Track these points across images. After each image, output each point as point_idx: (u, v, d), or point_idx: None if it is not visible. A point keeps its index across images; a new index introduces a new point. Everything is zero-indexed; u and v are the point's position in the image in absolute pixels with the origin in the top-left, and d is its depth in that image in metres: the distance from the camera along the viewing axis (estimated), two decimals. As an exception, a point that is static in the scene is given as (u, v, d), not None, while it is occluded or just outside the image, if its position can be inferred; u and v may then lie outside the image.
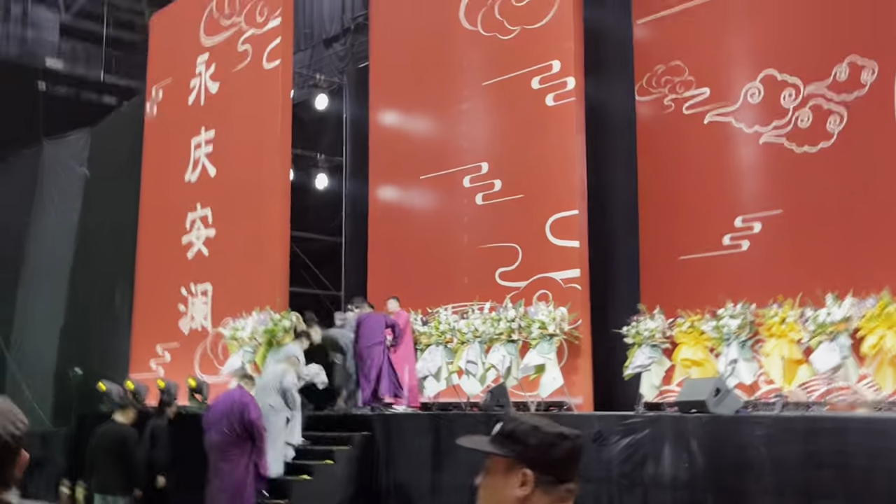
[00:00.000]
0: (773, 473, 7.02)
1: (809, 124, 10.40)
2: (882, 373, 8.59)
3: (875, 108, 9.87)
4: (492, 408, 9.77)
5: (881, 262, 9.51)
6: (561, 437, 1.87)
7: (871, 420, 6.86)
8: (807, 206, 10.34)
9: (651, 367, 10.44)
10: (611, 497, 8.00)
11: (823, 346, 8.96)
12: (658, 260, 11.63)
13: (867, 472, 6.51)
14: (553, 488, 1.83)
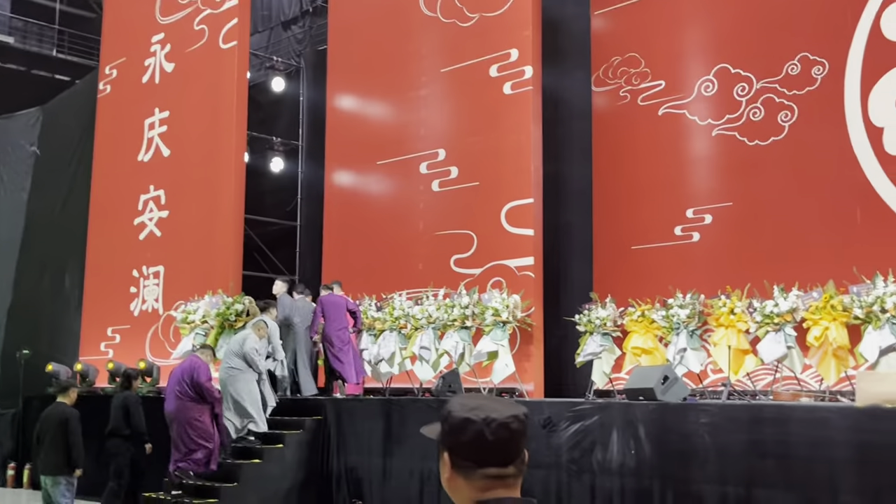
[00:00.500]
0: (717, 461, 7.16)
1: (761, 118, 10.57)
2: (825, 364, 8.78)
3: (825, 103, 10.05)
4: (444, 393, 9.83)
5: (827, 255, 9.71)
6: (466, 422, 1.77)
7: (814, 409, 7.02)
8: (756, 199, 10.52)
9: (602, 354, 10.54)
10: (559, 483, 8.10)
11: (769, 337, 9.13)
12: (611, 249, 11.76)
13: (808, 461, 6.67)
14: (471, 473, 1.77)
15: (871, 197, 9.59)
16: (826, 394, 8.89)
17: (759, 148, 10.56)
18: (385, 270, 13.00)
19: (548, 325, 11.55)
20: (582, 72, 12.46)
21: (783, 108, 10.40)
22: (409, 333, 11.57)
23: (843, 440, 6.49)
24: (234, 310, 12.50)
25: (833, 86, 10.02)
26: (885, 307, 8.30)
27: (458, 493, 1.81)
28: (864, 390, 6.94)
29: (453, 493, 1.81)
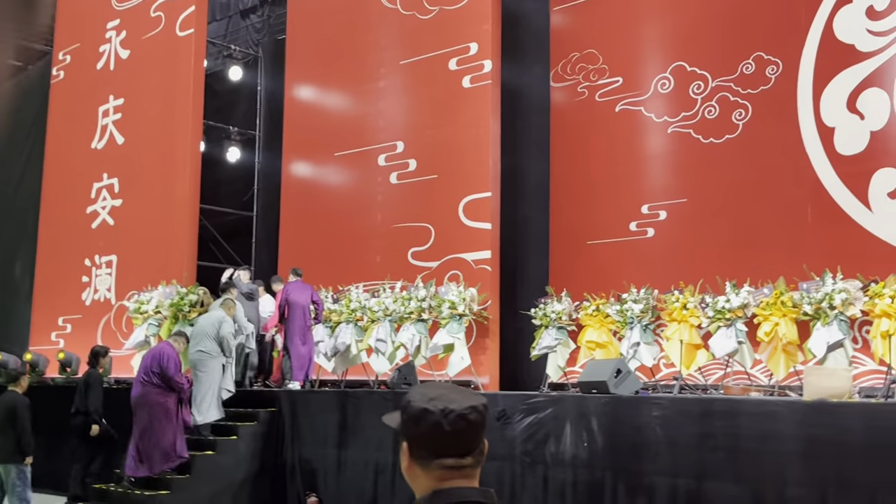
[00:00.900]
0: (668, 454, 7.27)
1: (716, 116, 10.71)
2: (775, 359, 8.95)
3: (778, 103, 10.21)
4: (399, 385, 9.85)
5: (778, 252, 9.88)
6: (424, 412, 1.78)
7: (763, 403, 7.15)
8: (710, 196, 10.66)
9: (557, 348, 10.64)
10: (513, 475, 8.16)
11: (721, 332, 9.27)
12: (567, 244, 11.84)
13: (757, 454, 6.79)
14: (429, 463, 1.78)
15: (821, 196, 9.77)
16: (775, 388, 9.06)
17: (714, 145, 10.70)
18: (342, 262, 12.97)
19: (504, 318, 11.61)
20: (541, 67, 12.52)
21: (738, 107, 10.55)
22: (365, 325, 11.57)
23: (790, 434, 6.62)
24: (188, 300, 12.39)
25: (786, 85, 10.18)
26: (834, 304, 8.47)
27: (416, 481, 1.81)
28: (811, 385, 7.09)
29: (412, 482, 1.82)
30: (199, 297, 12.25)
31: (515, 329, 11.80)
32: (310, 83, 14.50)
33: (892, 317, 8.16)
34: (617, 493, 7.46)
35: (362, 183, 13.26)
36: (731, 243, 10.35)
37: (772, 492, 6.63)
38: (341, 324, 11.72)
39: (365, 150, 13.17)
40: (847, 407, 6.60)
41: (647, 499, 7.29)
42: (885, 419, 6.32)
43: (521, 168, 12.68)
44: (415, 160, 12.53)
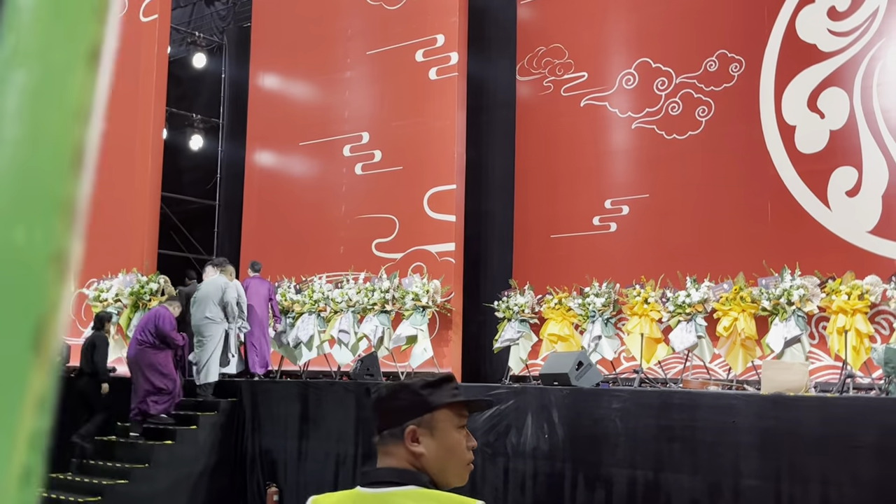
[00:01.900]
0: (627, 446, 7.34)
1: (679, 113, 10.81)
2: (734, 353, 9.08)
3: (740, 101, 10.34)
4: (362, 376, 9.84)
5: (738, 248, 10.00)
6: (437, 377, 1.93)
7: (720, 396, 7.24)
8: (672, 192, 10.77)
9: (519, 341, 10.69)
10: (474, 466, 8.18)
11: (681, 326, 9.38)
12: (531, 237, 11.90)
13: (714, 446, 6.88)
14: (377, 439, 1.89)
15: (781, 193, 9.91)
16: (733, 382, 9.18)
17: (677, 142, 10.80)
18: (305, 253, 12.92)
19: (467, 310, 11.64)
20: (507, 60, 12.54)
21: (701, 104, 10.65)
22: (328, 316, 11.54)
23: (747, 426, 6.72)
24: (148, 289, 12.28)
25: (749, 83, 10.30)
26: (792, 300, 8.61)
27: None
28: (768, 379, 7.19)
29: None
30: (160, 286, 12.14)
31: (478, 321, 11.83)
32: (275, 72, 14.40)
33: (849, 313, 8.31)
34: (577, 484, 7.53)
35: (327, 173, 13.22)
36: (693, 239, 10.47)
37: (728, 483, 6.73)
38: (304, 314, 11.68)
39: (330, 140, 13.12)
40: (803, 400, 6.71)
41: (605, 490, 7.36)
42: (840, 413, 6.43)
43: (486, 161, 12.70)
44: (380, 151, 12.51)
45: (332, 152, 13.09)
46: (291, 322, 11.80)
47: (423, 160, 11.99)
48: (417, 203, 11.87)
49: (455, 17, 11.94)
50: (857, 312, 8.29)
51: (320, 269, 12.41)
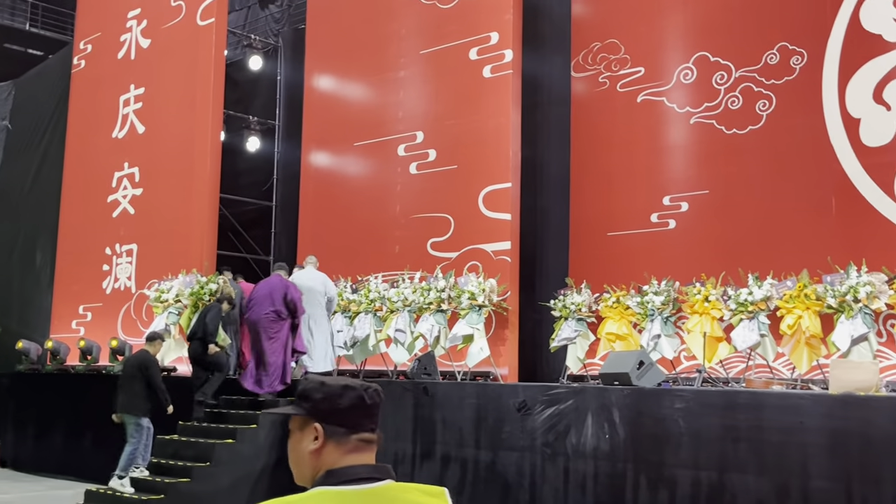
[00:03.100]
0: (691, 446, 7.22)
1: (739, 107, 10.61)
2: (798, 352, 8.88)
3: (802, 94, 10.11)
4: (419, 375, 9.84)
5: (801, 244, 9.79)
6: (346, 388, 1.95)
7: (787, 396, 7.08)
8: (733, 188, 10.58)
9: (576, 340, 10.61)
10: (533, 466, 8.14)
11: (743, 325, 9.21)
12: (587, 235, 11.78)
13: (781, 446, 6.73)
14: (344, 439, 1.91)
15: (846, 187, 9.67)
16: (797, 382, 8.99)
17: (737, 136, 10.61)
18: (361, 252, 12.96)
19: (523, 309, 11.58)
20: (561, 57, 12.45)
21: (761, 98, 10.45)
22: (384, 316, 11.56)
23: (815, 427, 6.56)
24: (207, 289, 12.43)
25: (811, 76, 10.08)
26: (858, 297, 8.40)
27: (319, 461, 1.91)
28: (837, 378, 7.02)
29: (312, 464, 1.91)
30: (218, 286, 12.27)
31: (534, 320, 11.77)
32: (329, 73, 14.48)
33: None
34: (638, 485, 7.42)
35: (381, 173, 13.25)
36: (754, 235, 10.27)
37: (796, 484, 6.58)
38: (360, 314, 11.71)
39: (384, 140, 13.14)
40: (874, 400, 6.52)
41: (668, 491, 7.25)
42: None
43: (541, 159, 12.62)
44: (434, 150, 12.50)
45: (386, 152, 13.11)
46: (348, 321, 11.84)
47: (477, 159, 11.95)
48: (472, 202, 11.84)
49: (509, 15, 11.88)
50: (927, 309, 8.06)
51: (376, 269, 12.44)
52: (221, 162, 14.24)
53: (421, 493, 1.88)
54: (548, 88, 12.73)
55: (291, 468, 2.00)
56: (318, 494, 1.84)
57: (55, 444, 13.58)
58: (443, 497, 1.91)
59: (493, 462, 8.47)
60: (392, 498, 1.84)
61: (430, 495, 1.88)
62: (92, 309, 15.71)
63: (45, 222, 17.44)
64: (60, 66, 18.28)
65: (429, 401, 9.20)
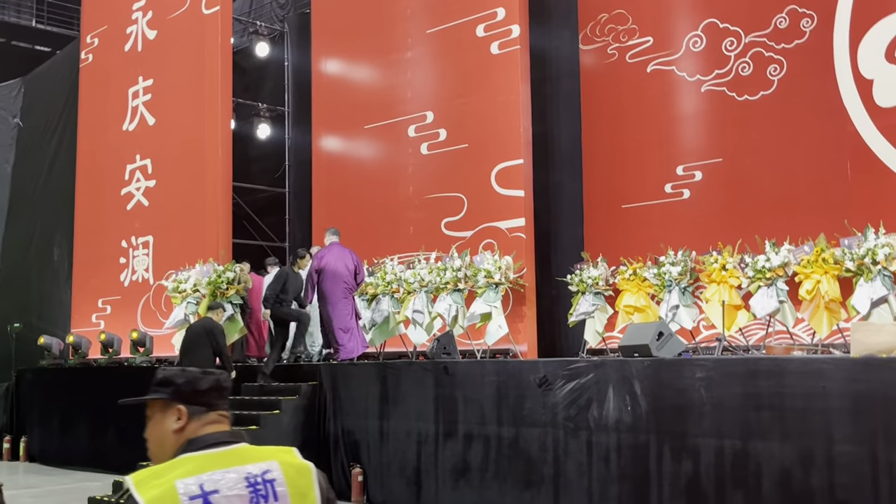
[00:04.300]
0: (713, 415, 7.21)
1: (750, 73, 10.53)
2: (818, 317, 8.83)
3: (813, 57, 10.02)
4: (439, 355, 9.86)
5: (817, 208, 9.73)
6: (204, 373, 2.21)
7: (809, 362, 7.05)
8: (746, 155, 10.51)
9: (594, 313, 10.59)
10: (556, 440, 8.16)
11: (762, 292, 9.16)
12: (601, 208, 11.75)
13: (803, 412, 6.71)
14: (204, 415, 2.16)
15: (861, 149, 9.59)
16: (818, 347, 8.95)
17: (749, 103, 10.53)
18: (376, 235, 12.98)
19: (540, 285, 11.58)
20: (569, 30, 12.37)
21: (772, 62, 10.36)
22: (401, 297, 11.58)
23: (838, 391, 6.54)
24: (225, 278, 12.45)
25: (822, 38, 9.98)
26: (876, 259, 8.33)
27: (180, 437, 2.13)
28: (859, 341, 6.99)
29: (177, 440, 2.13)
30: (236, 274, 12.32)
31: (552, 296, 11.76)
32: (337, 56, 14.44)
33: (938, 270, 8.02)
34: (662, 455, 7.43)
35: (393, 155, 13.23)
36: (770, 201, 10.21)
37: (820, 449, 6.56)
38: (378, 296, 11.74)
39: (394, 121, 13.12)
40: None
41: (692, 461, 7.25)
42: (936, 373, 6.22)
43: (552, 133, 12.57)
44: (445, 130, 12.47)
45: (397, 133, 13.10)
46: (366, 304, 11.87)
47: (488, 136, 11.92)
48: (485, 180, 11.82)
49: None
50: (946, 269, 8.00)
51: (391, 251, 12.45)
52: (233, 150, 14.25)
53: (273, 450, 2.15)
54: (556, 62, 12.66)
55: (151, 452, 2.20)
56: (181, 460, 2.06)
57: (81, 437, 13.71)
58: (291, 453, 2.16)
59: (515, 438, 8.49)
60: (246, 455, 2.08)
61: (282, 451, 2.15)
62: (111, 302, 15.82)
63: (61, 218, 17.53)
64: (68, 62, 18.32)
65: (449, 380, 9.22)
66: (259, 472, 2.05)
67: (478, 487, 8.79)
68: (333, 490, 2.22)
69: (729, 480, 7.03)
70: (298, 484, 2.10)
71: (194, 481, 1.99)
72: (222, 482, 2.00)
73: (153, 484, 1.97)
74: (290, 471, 2.11)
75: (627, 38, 11.64)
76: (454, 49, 12.49)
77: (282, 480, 2.08)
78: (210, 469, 2.02)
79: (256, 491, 2.03)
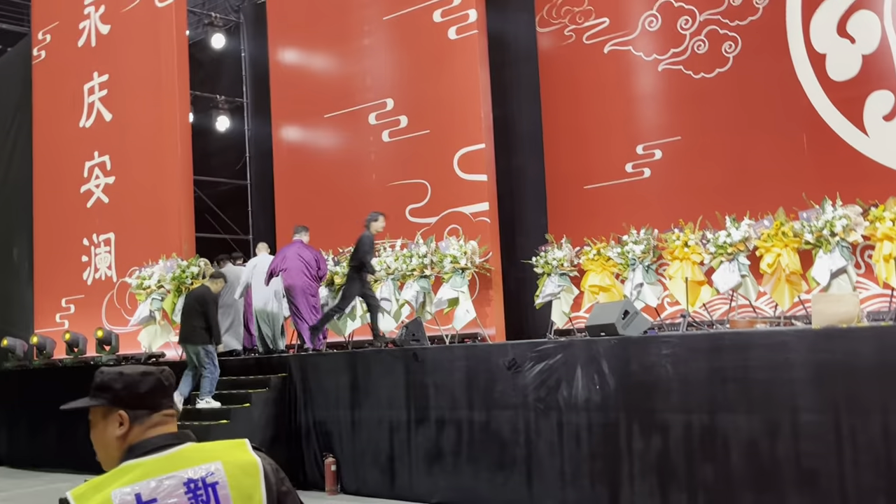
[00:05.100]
0: (680, 390, 7.31)
1: (706, 51, 10.63)
2: (779, 290, 8.98)
3: (767, 33, 10.14)
4: (408, 342, 9.88)
5: (776, 183, 9.87)
6: (144, 375, 2.12)
7: (772, 334, 7.17)
8: (705, 132, 10.62)
9: (560, 295, 10.68)
10: (527, 422, 8.23)
11: (724, 267, 9.30)
12: (564, 190, 11.83)
13: (768, 384, 6.83)
14: (147, 418, 2.08)
15: (816, 123, 9.74)
16: (781, 319, 9.10)
17: (705, 80, 10.64)
18: (340, 224, 12.94)
19: (506, 269, 11.63)
20: (526, 13, 12.40)
21: (727, 40, 10.47)
22: (368, 285, 11.56)
23: (801, 361, 6.66)
24: (189, 272, 12.39)
25: (775, 14, 10.10)
26: (835, 231, 8.49)
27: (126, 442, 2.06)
28: (819, 312, 7.12)
29: (122, 445, 2.06)
30: (200, 269, 12.24)
31: (518, 279, 11.83)
32: (294, 46, 14.35)
33: (894, 240, 8.18)
34: (632, 432, 7.53)
35: (354, 143, 13.20)
36: (729, 177, 10.34)
37: (786, 419, 6.69)
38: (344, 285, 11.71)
39: (355, 109, 13.09)
40: (857, 331, 6.62)
41: (661, 436, 7.35)
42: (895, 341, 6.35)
43: (512, 117, 12.62)
44: (406, 116, 12.46)
45: (357, 122, 13.06)
46: (333, 294, 11.86)
47: (449, 122, 11.93)
48: (447, 165, 11.83)
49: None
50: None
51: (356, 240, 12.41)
52: (192, 143, 14.13)
53: (221, 447, 2.07)
54: (514, 46, 12.69)
55: (99, 458, 2.13)
56: (123, 469, 2.00)
57: (49, 438, 13.57)
58: (241, 448, 2.08)
59: (487, 422, 8.55)
60: (189, 458, 2.01)
61: (230, 448, 2.07)
62: (74, 301, 15.65)
63: (19, 217, 17.29)
64: (21, 59, 18.02)
65: (419, 366, 9.26)
66: (200, 475, 1.98)
67: (451, 472, 8.85)
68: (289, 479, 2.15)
69: (698, 454, 7.15)
70: (243, 484, 2.02)
71: (130, 490, 1.93)
72: (159, 490, 1.95)
73: (92, 498, 1.93)
74: (235, 471, 2.03)
75: (584, 20, 11.69)
76: (412, 35, 12.47)
77: (224, 483, 2.00)
78: (149, 476, 1.97)
79: (196, 497, 1.97)
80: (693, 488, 7.16)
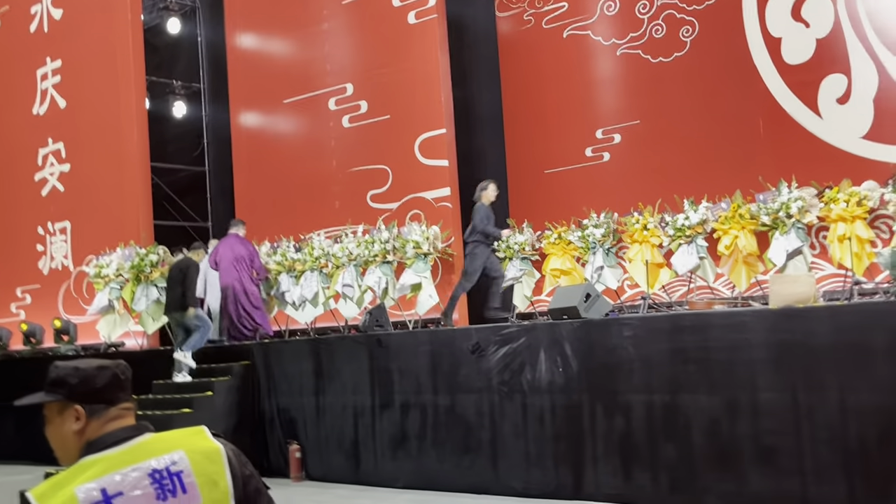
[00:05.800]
0: (642, 371, 7.42)
1: (663, 35, 10.73)
2: (737, 271, 9.13)
3: (724, 17, 10.26)
4: (371, 328, 9.89)
5: (733, 166, 10.02)
6: (100, 369, 2.08)
7: (731, 315, 7.29)
8: (663, 116, 10.74)
9: (522, 278, 10.74)
10: (492, 405, 8.29)
11: (682, 249, 9.42)
12: (525, 174, 11.89)
13: (727, 364, 6.96)
14: (105, 413, 2.05)
15: (772, 106, 9.89)
16: (738, 300, 9.26)
17: (663, 64, 10.74)
18: (301, 210, 12.90)
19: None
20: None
21: (684, 24, 10.58)
22: (330, 272, 11.55)
23: (760, 341, 6.79)
24: (148, 261, 12.26)
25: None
26: (790, 213, 8.63)
27: (83, 437, 2.03)
28: (776, 293, 7.25)
29: (79, 442, 2.03)
30: (159, 257, 12.13)
31: (480, 263, 11.86)
32: (251, 31, 14.21)
33: (848, 220, 8.35)
34: (595, 413, 7.63)
35: (314, 129, 13.13)
36: (687, 161, 10.47)
37: (745, 399, 6.82)
38: (306, 272, 11.69)
39: (314, 94, 13.01)
40: (813, 311, 6.76)
41: (624, 417, 7.46)
42: (851, 320, 6.50)
43: (472, 101, 12.63)
44: (366, 102, 12.42)
45: (317, 107, 12.99)
46: (294, 280, 11.81)
47: (409, 107, 11.91)
48: (408, 150, 11.82)
49: (429, -42, 11.76)
50: (856, 219, 8.33)
51: (318, 226, 12.40)
52: (149, 130, 13.95)
53: (181, 435, 2.06)
54: (473, 30, 12.69)
55: (57, 455, 2.09)
56: (83, 464, 1.96)
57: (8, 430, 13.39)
58: (202, 434, 2.07)
59: (452, 405, 8.61)
60: (150, 448, 1.99)
61: (190, 436, 2.06)
62: (30, 291, 15.42)
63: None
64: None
65: (383, 352, 9.28)
66: (164, 465, 1.96)
67: (416, 456, 8.90)
68: (252, 464, 2.13)
69: (660, 434, 7.26)
70: (207, 471, 2.00)
71: (95, 486, 1.90)
72: (124, 483, 1.91)
73: (54, 496, 1.89)
74: (198, 458, 2.01)
75: (543, 4, 11.73)
76: (371, 20, 12.41)
77: (189, 471, 1.98)
78: (112, 470, 1.94)
79: (163, 486, 1.94)
80: (656, 467, 7.28)
